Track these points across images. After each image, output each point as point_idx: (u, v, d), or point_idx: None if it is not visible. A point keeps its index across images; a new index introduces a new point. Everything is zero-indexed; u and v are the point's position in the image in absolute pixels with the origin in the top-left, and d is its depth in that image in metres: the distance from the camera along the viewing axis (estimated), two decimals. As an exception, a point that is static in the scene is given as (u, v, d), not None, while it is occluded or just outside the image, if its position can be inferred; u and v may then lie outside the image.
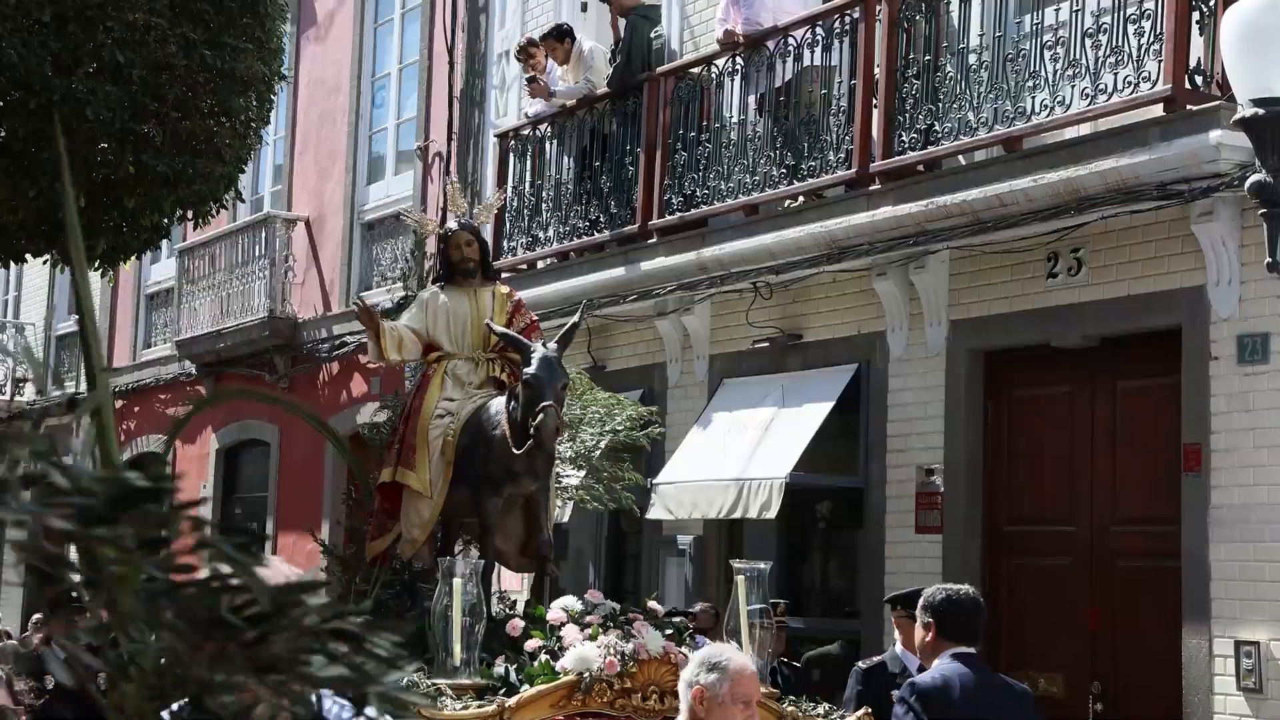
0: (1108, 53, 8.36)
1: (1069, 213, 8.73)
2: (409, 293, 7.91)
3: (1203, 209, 8.23)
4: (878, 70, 9.80)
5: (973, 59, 9.25)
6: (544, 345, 6.67)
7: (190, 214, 10.24)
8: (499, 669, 5.99)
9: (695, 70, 11.49)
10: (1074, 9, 8.61)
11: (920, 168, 9.62)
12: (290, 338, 17.06)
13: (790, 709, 6.18)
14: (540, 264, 12.71)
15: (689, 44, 12.36)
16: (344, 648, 1.07)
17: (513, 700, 5.73)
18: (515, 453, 6.52)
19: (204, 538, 1.08)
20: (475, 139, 14.75)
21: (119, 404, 21.31)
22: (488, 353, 7.16)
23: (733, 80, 11.10)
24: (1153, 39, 8.14)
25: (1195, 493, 8.31)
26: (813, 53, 10.38)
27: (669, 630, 6.27)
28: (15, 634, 15.07)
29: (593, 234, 12.24)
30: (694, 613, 9.07)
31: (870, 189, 9.85)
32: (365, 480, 7.58)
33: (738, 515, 10.38)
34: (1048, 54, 8.72)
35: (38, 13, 8.67)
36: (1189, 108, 8.06)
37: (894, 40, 9.69)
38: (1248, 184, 7.66)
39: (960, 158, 9.52)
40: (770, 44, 10.73)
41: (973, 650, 5.52)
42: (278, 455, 17.33)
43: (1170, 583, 8.45)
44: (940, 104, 9.38)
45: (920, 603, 5.69)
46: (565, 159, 12.79)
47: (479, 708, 5.68)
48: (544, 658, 6.01)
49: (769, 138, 10.69)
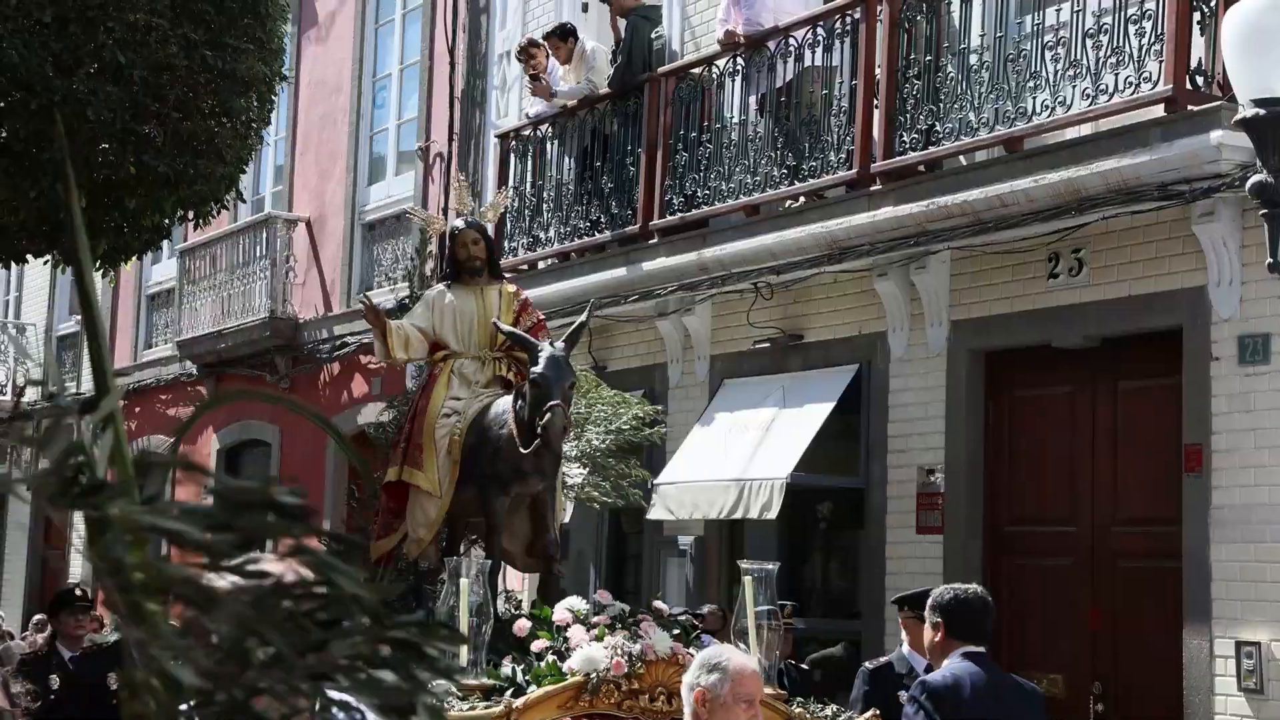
0: (1109, 53, 8.36)
1: (1070, 213, 8.73)
2: (413, 292, 7.89)
3: (1204, 209, 8.22)
4: (879, 70, 9.80)
5: (974, 59, 9.25)
6: (551, 344, 6.62)
7: (191, 214, 10.25)
8: (506, 669, 5.98)
9: (696, 71, 11.49)
10: (1075, 9, 8.60)
11: (921, 168, 9.62)
12: (291, 338, 17.05)
13: (799, 711, 6.16)
14: (541, 264, 12.71)
15: (690, 44, 12.36)
16: (398, 655, 1.05)
17: (520, 701, 5.71)
18: (522, 452, 6.48)
19: (304, 545, 1.06)
20: (476, 139, 14.74)
21: (120, 404, 21.27)
22: (494, 352, 7.13)
23: (734, 81, 11.10)
24: (1154, 39, 8.14)
25: (1196, 493, 8.31)
26: (814, 53, 10.38)
27: (676, 631, 6.24)
28: (15, 635, 15.04)
29: (593, 234, 12.24)
30: (702, 614, 9.05)
31: (871, 189, 9.85)
32: (370, 479, 7.56)
33: (739, 516, 10.37)
34: (1049, 54, 8.71)
35: (39, 13, 8.67)
36: (1190, 108, 8.06)
37: (895, 40, 9.69)
38: (1249, 184, 7.66)
39: (961, 158, 9.52)
40: (771, 44, 10.72)
41: (982, 650, 5.52)
42: (279, 455, 17.33)
43: (1171, 583, 8.44)
44: (941, 104, 9.38)
45: (929, 603, 5.68)
46: (566, 159, 12.79)
47: (486, 708, 5.66)
48: (551, 658, 5.99)
49: (770, 138, 10.69)
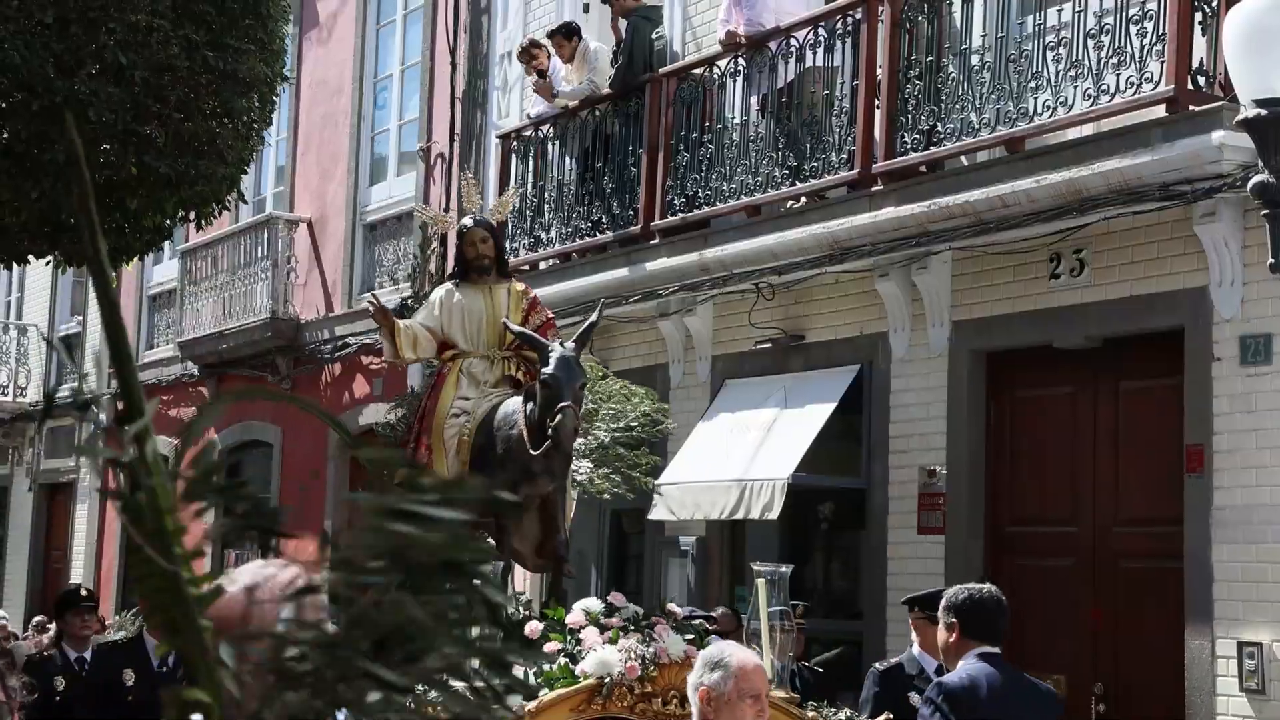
0: (1110, 53, 8.36)
1: (1071, 213, 8.72)
2: (416, 291, 7.86)
3: (1205, 210, 8.22)
4: (880, 71, 9.79)
5: (975, 59, 9.25)
6: (562, 344, 6.56)
7: (192, 215, 10.25)
8: (517, 672, 5.93)
9: (697, 71, 11.49)
10: (1076, 9, 8.60)
11: (922, 168, 9.61)
12: (292, 339, 17.05)
13: (811, 715, 6.11)
14: (542, 265, 12.70)
15: (691, 45, 12.36)
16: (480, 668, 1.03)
17: (532, 704, 5.70)
18: (532, 453, 6.43)
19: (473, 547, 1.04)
20: (477, 140, 14.74)
21: (120, 405, 21.26)
22: (503, 351, 7.06)
23: (735, 81, 11.09)
24: (1155, 39, 8.13)
25: (1198, 494, 8.30)
26: (815, 53, 10.38)
27: (690, 634, 6.18)
28: (18, 636, 15.03)
29: (595, 235, 12.24)
30: (714, 616, 9.02)
31: (872, 190, 9.85)
32: (378, 479, 7.52)
33: (740, 516, 10.37)
34: (1050, 54, 8.71)
35: (40, 14, 8.68)
36: (1191, 108, 8.06)
37: (896, 41, 9.69)
38: (1250, 185, 7.65)
39: (963, 158, 9.52)
40: (772, 45, 10.72)
41: (997, 650, 5.49)
42: (280, 456, 17.33)
43: (1173, 584, 8.44)
44: (942, 105, 9.37)
45: (942, 603, 5.65)
46: (567, 160, 12.79)
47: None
48: (563, 661, 5.95)
49: (771, 138, 10.69)
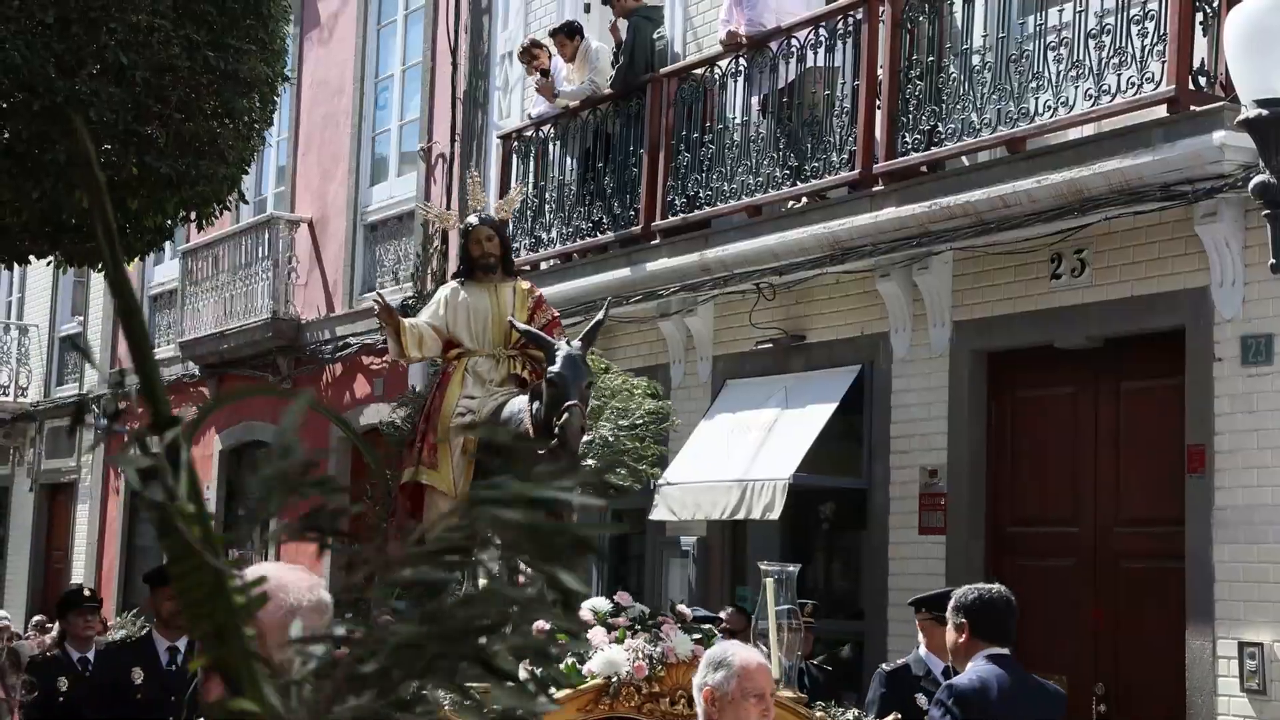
0: (1111, 53, 8.36)
1: (1072, 214, 8.72)
2: (419, 290, 7.84)
3: (1206, 210, 8.22)
4: (881, 71, 9.79)
5: (976, 60, 9.25)
6: (568, 343, 6.53)
7: (193, 215, 10.25)
8: (523, 672, 5.91)
9: (698, 71, 11.49)
10: (1077, 10, 8.60)
11: (923, 169, 9.61)
12: (293, 339, 17.06)
13: (820, 715, 6.09)
14: (543, 265, 12.70)
15: (692, 45, 12.37)
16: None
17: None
18: (539, 452, 6.40)
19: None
20: (478, 140, 14.74)
21: (122, 405, 21.26)
22: (509, 350, 7.05)
23: (736, 81, 11.09)
24: (1156, 39, 8.13)
25: (1199, 494, 8.30)
26: (816, 54, 10.38)
27: (697, 634, 6.14)
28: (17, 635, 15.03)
29: (596, 235, 12.24)
30: (718, 617, 8.98)
31: (873, 190, 9.85)
32: (383, 478, 7.51)
33: (741, 516, 10.37)
34: (1051, 55, 8.71)
35: (41, 14, 8.68)
36: (1192, 108, 8.06)
37: (897, 41, 9.69)
38: (1251, 185, 7.65)
39: (964, 159, 9.52)
40: (773, 45, 10.72)
41: (1006, 651, 5.47)
42: (281, 456, 17.32)
43: (1174, 584, 8.44)
44: (943, 105, 9.37)
45: (951, 604, 5.63)
46: (568, 160, 12.79)
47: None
48: (570, 660, 5.95)
49: (772, 139, 10.69)
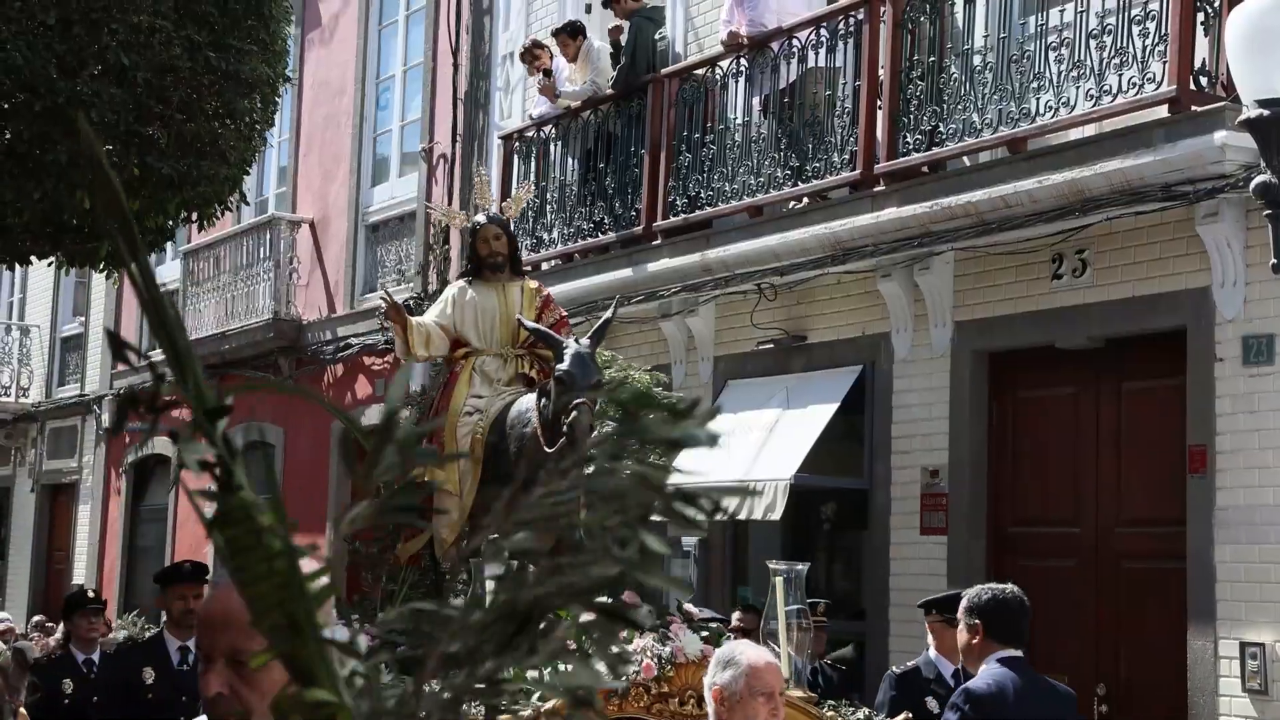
0: (1112, 54, 8.36)
1: (1074, 214, 8.72)
2: (425, 291, 7.82)
3: (1207, 210, 8.22)
4: (882, 71, 9.79)
5: (977, 60, 9.25)
6: (576, 341, 6.48)
7: (195, 216, 10.25)
8: (532, 673, 5.89)
9: (699, 72, 11.49)
10: (1078, 10, 8.60)
11: (925, 169, 9.61)
12: (295, 339, 17.06)
13: (830, 714, 6.07)
14: (545, 265, 12.70)
15: (693, 45, 12.37)
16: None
17: (548, 705, 5.68)
18: (547, 451, 6.29)
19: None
20: (480, 141, 14.75)
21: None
22: (517, 349, 7.02)
23: (737, 82, 11.09)
24: (1157, 40, 8.13)
25: (1200, 494, 8.30)
26: (817, 54, 10.38)
27: (705, 633, 6.11)
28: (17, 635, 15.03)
29: (597, 235, 12.24)
30: (725, 620, 8.93)
31: (875, 190, 9.85)
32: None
33: (743, 516, 10.36)
34: (1052, 55, 8.71)
35: (43, 15, 8.68)
36: (1194, 109, 8.05)
37: (898, 41, 9.69)
38: (1253, 185, 7.65)
39: (965, 159, 9.51)
40: (774, 45, 10.72)
41: (1019, 653, 5.45)
42: (283, 456, 17.33)
43: (1175, 584, 8.44)
44: (945, 105, 9.38)
45: (964, 605, 5.59)
46: (570, 160, 12.79)
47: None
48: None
49: (773, 139, 10.69)
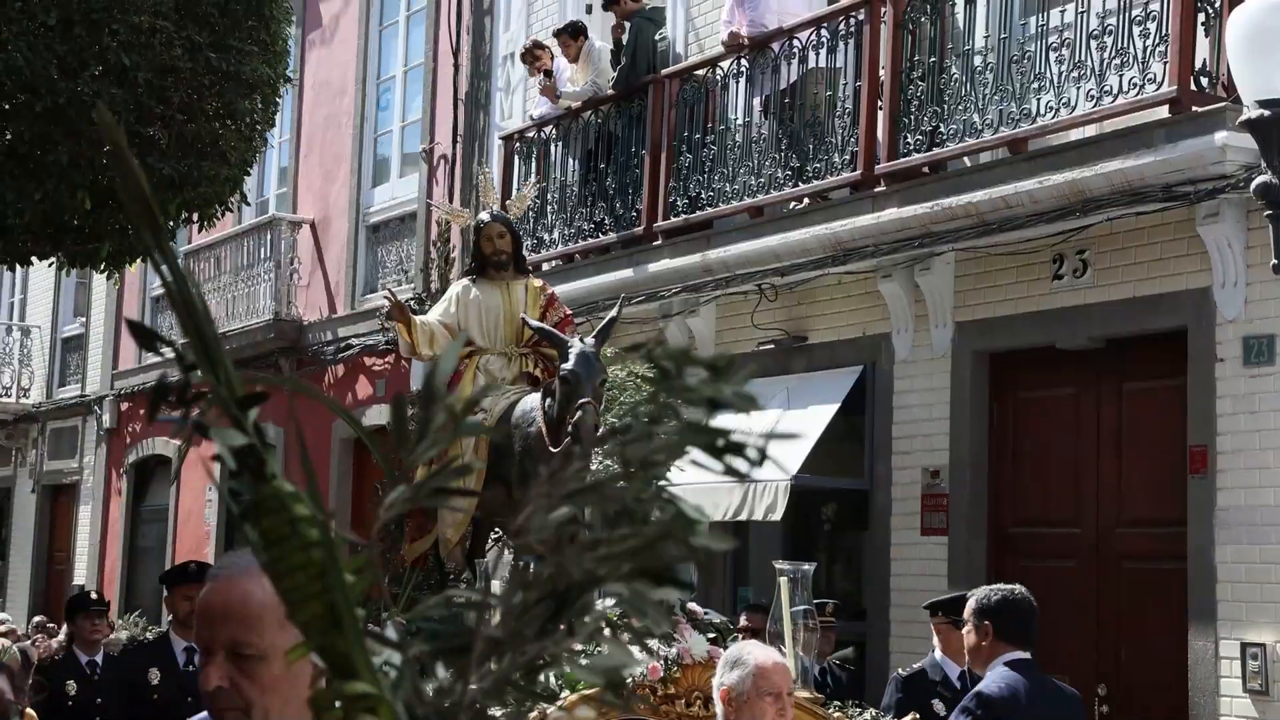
0: (1113, 54, 8.36)
1: (1074, 214, 8.72)
2: (428, 290, 7.81)
3: (1208, 210, 8.22)
4: (883, 72, 9.79)
5: (978, 60, 9.25)
6: (581, 340, 6.44)
7: (195, 217, 10.26)
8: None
9: (700, 72, 11.49)
10: (1079, 10, 8.60)
11: (925, 169, 9.61)
12: (296, 340, 17.06)
13: (837, 715, 6.05)
14: (545, 266, 12.70)
15: (694, 46, 12.37)
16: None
17: (554, 707, 5.66)
18: (552, 451, 6.25)
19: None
20: (480, 141, 14.75)
21: (125, 406, 21.31)
22: (521, 348, 7.00)
23: (737, 82, 11.09)
24: (1158, 40, 8.13)
25: (1201, 494, 8.30)
26: (817, 55, 10.38)
27: (711, 634, 6.09)
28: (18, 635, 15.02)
29: (598, 236, 12.24)
30: (732, 623, 8.87)
31: (875, 191, 9.85)
32: (392, 477, 7.49)
33: (743, 517, 10.36)
34: (1053, 56, 8.71)
35: (43, 16, 8.69)
36: (1194, 109, 8.05)
37: (899, 42, 9.69)
38: (1253, 185, 7.66)
39: (965, 159, 9.51)
40: (775, 46, 10.72)
41: (1028, 656, 5.44)
42: (283, 456, 17.33)
43: (1176, 584, 8.44)
44: (945, 106, 9.38)
45: (974, 606, 5.56)
46: (570, 161, 12.79)
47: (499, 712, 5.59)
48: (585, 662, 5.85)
49: (774, 139, 10.69)
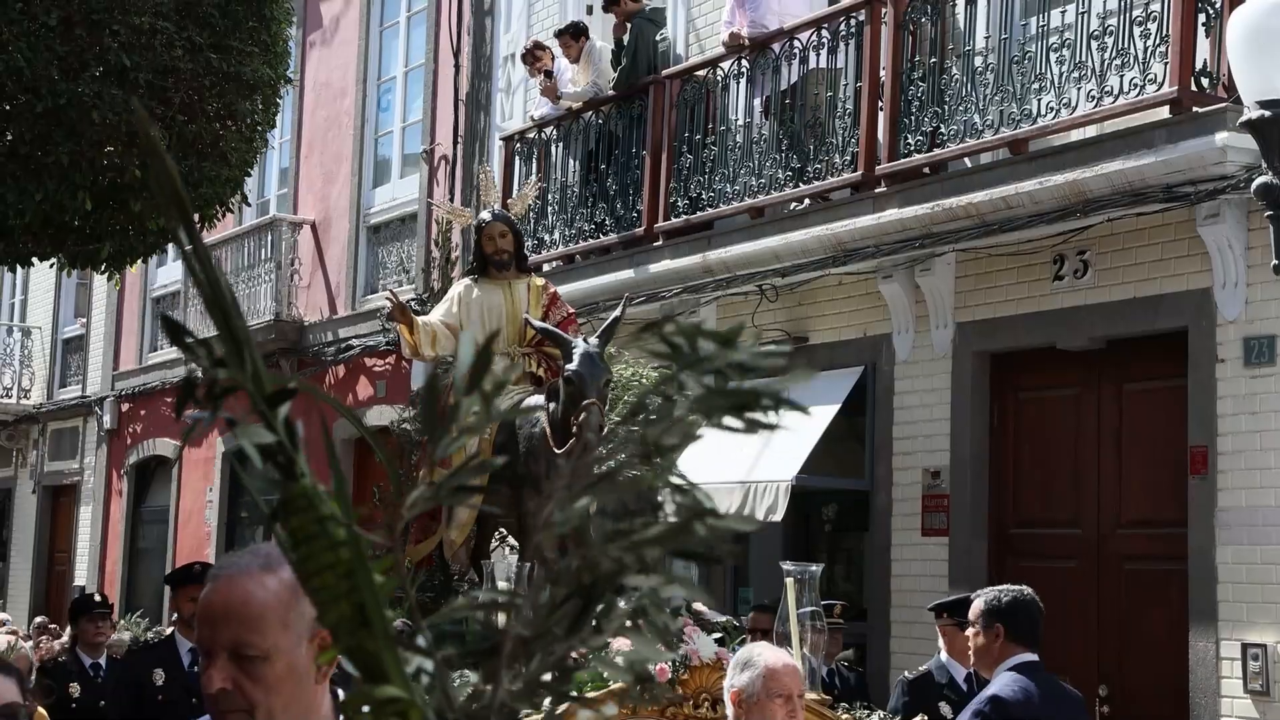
0: (1113, 55, 8.36)
1: (1075, 215, 8.72)
2: (430, 290, 7.80)
3: (1209, 211, 8.22)
4: (883, 72, 9.79)
5: (978, 61, 9.25)
6: (585, 340, 6.41)
7: (196, 217, 10.26)
8: (545, 675, 5.85)
9: (701, 73, 11.49)
10: (1080, 11, 8.60)
11: (926, 170, 9.61)
12: (296, 341, 17.07)
13: (845, 717, 6.03)
14: (546, 266, 12.70)
15: (694, 47, 12.37)
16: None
17: (560, 708, 5.63)
18: (557, 451, 6.23)
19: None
20: (481, 142, 14.75)
21: (125, 407, 21.32)
22: (524, 348, 6.98)
23: (738, 83, 11.09)
24: (1158, 41, 8.13)
25: (1202, 495, 8.30)
26: (818, 55, 10.38)
27: (719, 634, 6.05)
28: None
29: (599, 237, 12.24)
30: (736, 624, 8.83)
31: (876, 191, 9.85)
32: (395, 478, 7.50)
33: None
34: (1053, 56, 8.71)
35: (44, 16, 8.69)
36: (1195, 110, 8.06)
37: (899, 42, 9.69)
38: (1254, 186, 7.66)
39: (966, 160, 9.51)
40: (775, 46, 10.72)
41: (1036, 657, 5.44)
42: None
43: (1177, 585, 8.44)
44: (946, 106, 9.38)
45: (983, 608, 5.53)
46: (571, 162, 12.79)
47: (524, 714, 5.57)
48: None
49: (774, 140, 10.69)
